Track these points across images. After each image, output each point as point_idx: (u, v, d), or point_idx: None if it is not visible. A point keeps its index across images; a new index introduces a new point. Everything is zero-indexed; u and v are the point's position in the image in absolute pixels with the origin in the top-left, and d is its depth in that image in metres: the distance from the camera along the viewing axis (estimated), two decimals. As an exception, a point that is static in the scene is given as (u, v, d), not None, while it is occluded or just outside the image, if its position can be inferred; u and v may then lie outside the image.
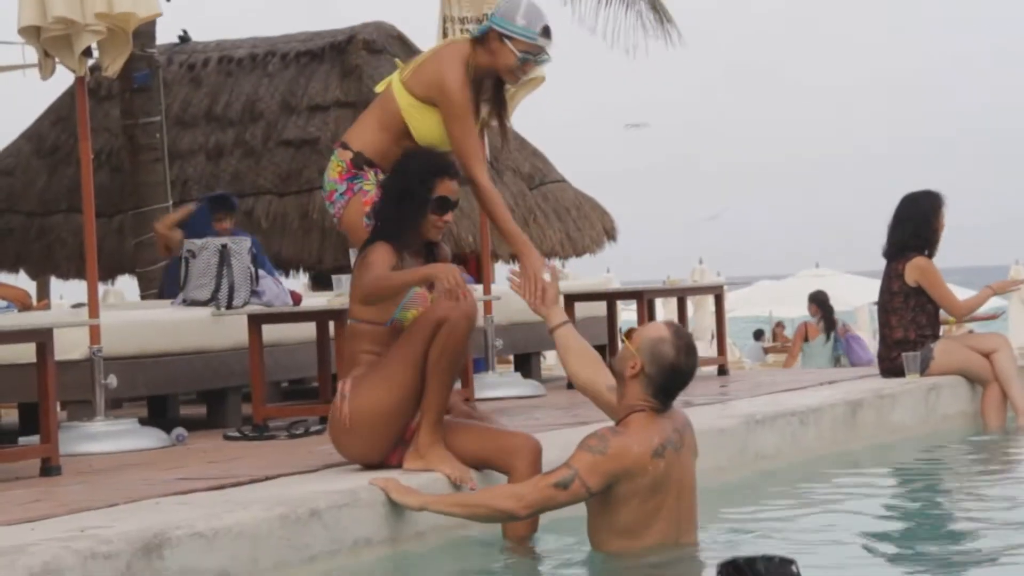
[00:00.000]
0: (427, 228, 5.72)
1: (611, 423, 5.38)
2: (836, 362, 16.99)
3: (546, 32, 6.12)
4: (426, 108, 6.12)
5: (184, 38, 14.26)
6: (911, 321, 9.21)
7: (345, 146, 6.15)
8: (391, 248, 5.63)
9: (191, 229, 10.14)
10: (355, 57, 13.28)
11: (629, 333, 5.31)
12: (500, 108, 6.32)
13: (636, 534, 5.14)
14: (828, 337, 17.29)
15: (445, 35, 9.22)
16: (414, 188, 5.69)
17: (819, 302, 17.69)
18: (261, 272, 8.56)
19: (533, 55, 6.09)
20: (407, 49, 13.49)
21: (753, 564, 3.22)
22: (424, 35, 13.81)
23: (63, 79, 9.95)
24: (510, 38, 6.03)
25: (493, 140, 12.55)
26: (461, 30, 9.17)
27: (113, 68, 7.38)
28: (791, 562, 3.20)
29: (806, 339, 17.66)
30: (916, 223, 9.23)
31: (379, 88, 6.28)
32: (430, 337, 5.48)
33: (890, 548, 5.69)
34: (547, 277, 5.82)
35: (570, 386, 9.91)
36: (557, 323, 5.72)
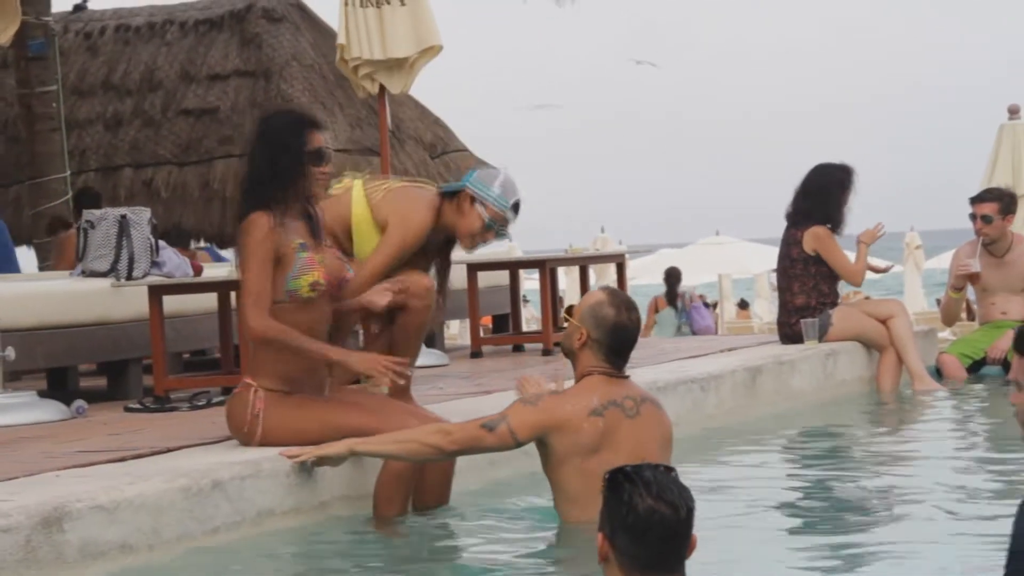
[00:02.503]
0: (309, 182, 5.54)
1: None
2: (678, 329, 19.42)
3: (516, 207, 6.18)
4: (376, 231, 6.15)
5: (80, 6, 14.09)
6: (813, 288, 9.29)
7: None
8: (269, 216, 5.47)
9: None
10: (254, 25, 13.18)
11: (569, 310, 5.36)
12: (445, 269, 6.31)
13: (584, 503, 5.02)
14: (675, 308, 19.72)
15: (345, 4, 9.15)
16: (288, 142, 5.50)
17: (668, 277, 20.22)
18: (161, 243, 8.49)
19: (497, 226, 6.11)
20: (306, 18, 13.42)
21: (640, 471, 3.33)
22: (323, 4, 13.72)
23: (-43, 47, 9.79)
24: (483, 203, 6.06)
25: (396, 111, 12.53)
26: (361, 1, 9.11)
27: (4, 36, 7.29)
28: (672, 469, 3.34)
29: (657, 310, 20.17)
30: (823, 196, 9.28)
31: (335, 190, 6.16)
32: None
33: (787, 512, 5.76)
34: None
35: (474, 355, 9.94)
36: None
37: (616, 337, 5.24)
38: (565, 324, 5.36)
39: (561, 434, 5.15)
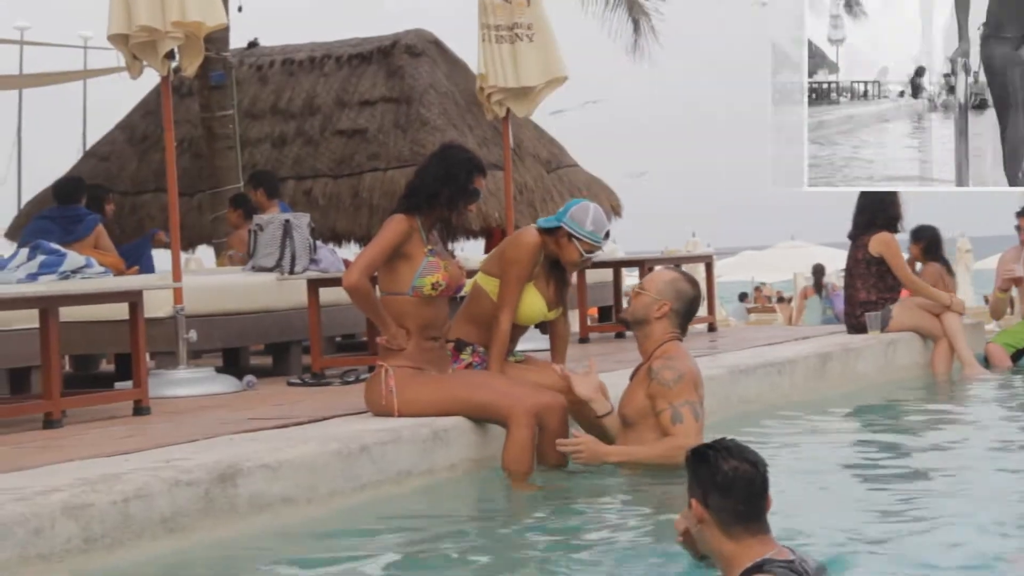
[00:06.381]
0: (456, 212, 5.61)
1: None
2: (823, 312, 19.79)
3: (607, 235, 6.03)
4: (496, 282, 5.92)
5: (253, 43, 14.24)
6: (873, 285, 9.22)
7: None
8: (412, 221, 5.51)
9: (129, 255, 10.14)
10: (399, 59, 13.26)
11: (638, 287, 5.39)
12: (563, 284, 6.06)
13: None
14: (820, 295, 20.34)
15: (483, 40, 9.18)
16: (459, 175, 5.58)
17: (815, 271, 21.02)
18: (319, 243, 8.57)
19: (592, 253, 5.97)
20: (442, 52, 13.45)
21: (719, 441, 3.45)
22: (457, 41, 13.75)
23: (151, 78, 9.96)
24: (579, 239, 5.89)
25: (517, 132, 12.54)
26: (496, 37, 9.13)
27: (191, 69, 7.37)
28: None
29: (806, 297, 21.05)
30: (878, 207, 9.22)
31: (466, 290, 6.05)
32: (483, 415, 5.49)
33: (851, 478, 5.69)
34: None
35: (582, 341, 9.92)
36: (604, 412, 5.55)
37: (692, 308, 5.36)
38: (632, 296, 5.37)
39: (701, 386, 5.35)
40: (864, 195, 9.36)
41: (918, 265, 9.66)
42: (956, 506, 4.92)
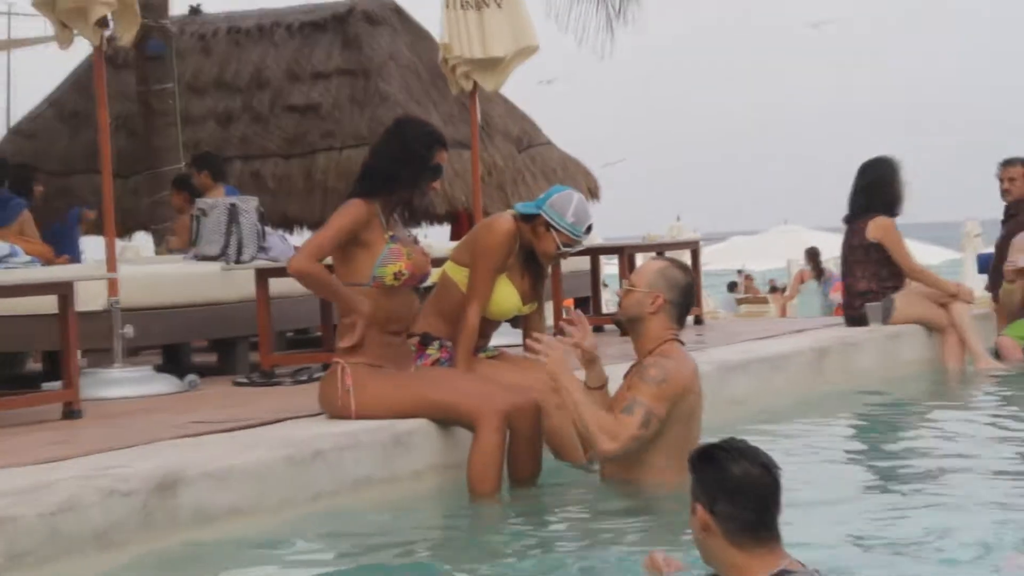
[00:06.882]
0: (419, 191, 5.56)
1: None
2: (825, 297, 19.91)
3: (588, 230, 5.97)
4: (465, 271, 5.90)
5: (195, 10, 14.18)
6: (874, 274, 9.22)
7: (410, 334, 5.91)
8: (371, 206, 5.45)
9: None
10: (355, 27, 13.22)
11: (626, 284, 5.33)
12: (540, 276, 6.06)
13: (677, 469, 4.94)
14: (818, 281, 20.49)
15: (447, 7, 9.13)
16: (419, 152, 5.52)
17: (811, 255, 21.06)
18: (268, 229, 8.53)
19: (571, 247, 5.94)
20: (404, 20, 13.41)
21: (728, 442, 3.39)
22: (420, 7, 13.72)
23: (83, 48, 9.88)
24: (558, 230, 5.85)
25: (486, 108, 12.50)
26: (461, 3, 9.08)
27: (127, 38, 7.33)
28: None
29: (802, 281, 21.25)
30: (878, 188, 9.23)
31: (433, 279, 6.02)
32: (448, 416, 5.44)
33: (854, 482, 5.68)
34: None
35: (557, 334, 9.88)
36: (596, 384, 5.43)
37: (688, 297, 5.29)
38: (621, 295, 5.31)
39: (682, 398, 5.15)
40: (862, 174, 9.36)
41: None
42: (969, 512, 4.92)
